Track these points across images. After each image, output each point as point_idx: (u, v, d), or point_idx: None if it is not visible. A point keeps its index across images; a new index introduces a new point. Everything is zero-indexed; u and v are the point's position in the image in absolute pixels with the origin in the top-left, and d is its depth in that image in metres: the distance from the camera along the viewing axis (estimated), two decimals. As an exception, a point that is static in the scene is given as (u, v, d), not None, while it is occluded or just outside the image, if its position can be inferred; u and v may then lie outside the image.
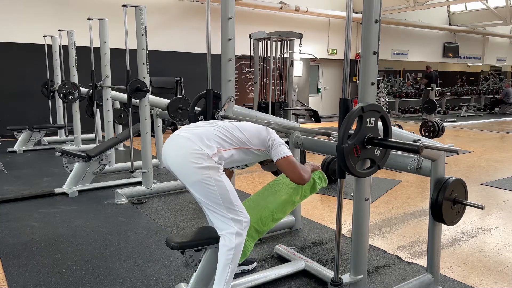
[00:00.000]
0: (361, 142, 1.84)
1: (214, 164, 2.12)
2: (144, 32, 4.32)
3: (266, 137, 2.38)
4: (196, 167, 2.08)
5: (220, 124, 2.34)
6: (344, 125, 1.78)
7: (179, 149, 2.16)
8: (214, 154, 2.14)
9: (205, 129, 2.26)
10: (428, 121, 7.48)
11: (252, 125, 2.46)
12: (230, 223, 2.12)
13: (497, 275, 2.75)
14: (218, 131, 2.26)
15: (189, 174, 2.11)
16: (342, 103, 1.87)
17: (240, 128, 2.36)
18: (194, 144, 2.13)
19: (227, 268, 2.09)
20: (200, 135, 2.19)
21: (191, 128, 2.29)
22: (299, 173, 2.31)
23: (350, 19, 1.87)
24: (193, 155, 2.10)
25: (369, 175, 1.97)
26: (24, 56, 8.51)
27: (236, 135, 2.30)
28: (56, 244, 3.15)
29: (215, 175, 2.10)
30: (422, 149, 1.80)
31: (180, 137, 2.21)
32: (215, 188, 2.09)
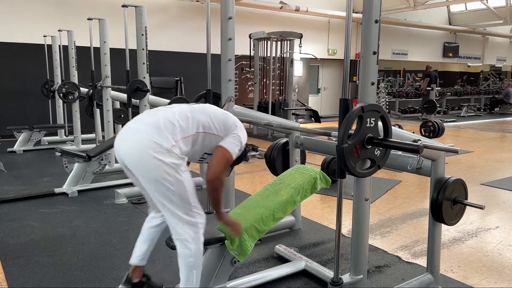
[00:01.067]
0: (361, 142, 1.84)
1: (176, 159, 1.94)
2: (144, 32, 4.32)
3: (232, 125, 2.19)
4: (156, 164, 1.90)
5: (177, 108, 2.12)
6: (344, 125, 1.78)
7: (135, 144, 1.96)
8: (174, 145, 1.96)
9: (161, 115, 2.04)
10: (428, 121, 7.48)
11: (217, 108, 2.25)
12: (185, 228, 2.00)
13: (497, 275, 2.75)
14: (176, 116, 2.05)
15: (147, 171, 1.94)
16: (342, 103, 1.87)
17: (202, 110, 2.16)
18: (150, 136, 1.93)
19: (192, 274, 2.04)
20: (155, 124, 1.98)
21: (145, 116, 2.08)
22: (219, 170, 2.05)
23: (350, 19, 1.87)
24: (151, 150, 1.90)
25: (369, 175, 1.97)
26: (24, 56, 8.51)
27: (198, 117, 2.09)
28: (56, 244, 3.15)
29: (176, 173, 1.94)
30: (422, 149, 1.80)
31: (134, 130, 2.01)
32: (174, 187, 1.94)
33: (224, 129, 2.16)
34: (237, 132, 2.17)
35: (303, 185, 2.60)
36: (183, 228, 2.01)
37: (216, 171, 2.05)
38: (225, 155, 2.09)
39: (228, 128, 2.17)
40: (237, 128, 2.19)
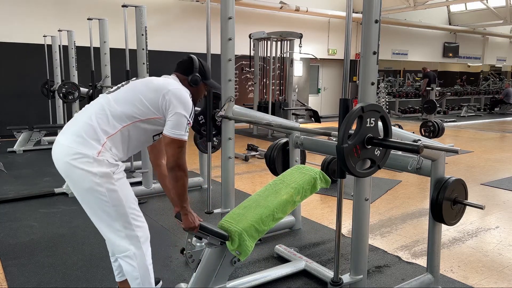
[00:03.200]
0: (361, 142, 1.84)
1: (106, 168, 1.82)
2: (144, 32, 4.32)
3: (163, 103, 1.92)
4: (82, 175, 1.80)
5: (95, 104, 1.95)
6: (344, 125, 1.78)
7: (59, 158, 1.86)
8: (101, 151, 1.82)
9: (81, 120, 1.90)
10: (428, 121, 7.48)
11: (148, 83, 2.00)
12: (125, 242, 1.90)
13: (497, 275, 2.75)
14: (93, 116, 1.89)
15: (75, 184, 1.85)
16: (342, 103, 1.87)
17: (127, 94, 1.96)
18: (71, 149, 1.81)
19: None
20: (77, 133, 1.85)
21: (68, 126, 1.94)
22: (175, 156, 1.91)
23: (350, 19, 1.87)
24: (75, 161, 1.80)
25: (369, 175, 1.97)
26: (24, 56, 8.51)
27: (119, 109, 1.90)
28: (56, 244, 3.15)
29: (107, 183, 1.82)
30: (422, 149, 1.80)
31: (58, 144, 1.88)
32: (107, 198, 1.83)
33: (159, 110, 1.94)
34: (174, 110, 1.92)
35: (303, 185, 2.60)
36: (124, 243, 1.90)
37: (172, 158, 1.90)
38: (173, 143, 1.90)
39: (162, 108, 1.93)
40: (171, 103, 1.92)
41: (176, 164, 1.91)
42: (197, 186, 4.73)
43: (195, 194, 4.52)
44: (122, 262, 1.95)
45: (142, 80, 2.05)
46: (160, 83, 1.99)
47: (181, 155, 1.93)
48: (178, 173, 1.92)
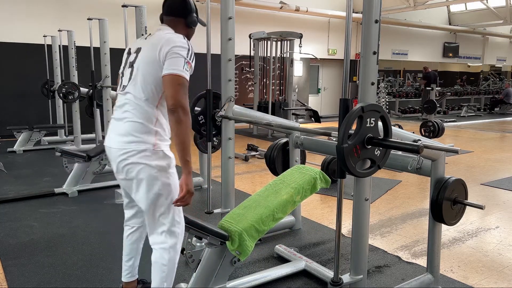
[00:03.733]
0: (361, 142, 1.84)
1: (161, 161, 1.87)
2: (144, 32, 4.32)
3: (162, 56, 1.84)
4: (141, 168, 1.85)
5: (122, 100, 1.95)
6: (344, 125, 1.78)
7: (117, 154, 1.90)
8: (155, 143, 1.87)
9: (127, 118, 1.90)
10: (428, 121, 7.48)
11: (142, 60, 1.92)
12: (165, 235, 1.94)
13: (497, 275, 2.75)
14: (129, 111, 1.90)
15: (135, 177, 1.89)
16: (342, 103, 1.87)
17: (133, 80, 1.91)
18: (126, 149, 1.86)
19: (163, 285, 1.97)
20: (126, 133, 1.88)
21: (114, 130, 1.95)
22: (178, 96, 1.80)
23: (350, 19, 1.87)
24: (133, 158, 1.85)
25: (369, 175, 1.97)
26: (24, 56, 8.51)
27: (139, 93, 1.89)
28: (56, 244, 3.15)
29: (163, 176, 1.88)
30: (422, 149, 1.80)
31: (113, 141, 1.94)
32: (162, 191, 1.89)
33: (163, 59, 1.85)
34: (168, 55, 1.84)
35: (303, 185, 2.60)
36: (163, 237, 1.95)
37: (171, 98, 1.78)
38: (171, 80, 1.81)
39: (165, 56, 1.84)
40: (165, 52, 1.84)
41: (177, 104, 1.77)
42: (197, 186, 4.73)
43: (195, 194, 4.50)
44: (156, 252, 1.96)
45: (140, 59, 1.94)
46: (153, 52, 1.88)
47: (182, 94, 1.80)
48: (180, 114, 1.78)
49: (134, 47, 2.02)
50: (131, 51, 2.02)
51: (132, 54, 2.00)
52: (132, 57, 1.98)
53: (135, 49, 2.00)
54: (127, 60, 2.01)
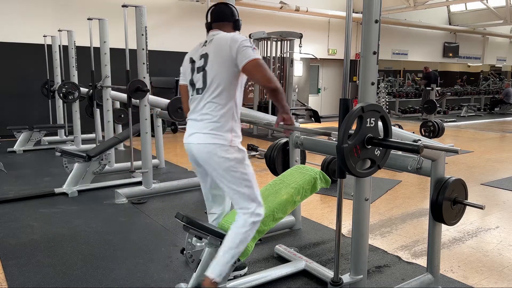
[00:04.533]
0: (361, 142, 1.84)
1: (237, 154, 2.13)
2: (144, 32, 4.32)
3: (234, 51, 2.09)
4: (221, 161, 2.12)
5: (197, 99, 2.20)
6: (344, 125, 1.78)
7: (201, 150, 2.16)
8: (230, 140, 2.13)
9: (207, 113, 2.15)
10: (428, 121, 7.48)
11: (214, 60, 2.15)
12: (254, 205, 2.16)
13: (497, 275, 2.75)
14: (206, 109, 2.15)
15: (217, 167, 2.15)
16: (342, 103, 1.87)
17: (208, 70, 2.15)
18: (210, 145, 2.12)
19: (230, 252, 2.10)
20: (207, 130, 2.13)
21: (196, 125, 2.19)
22: (269, 77, 2.10)
23: (350, 19, 1.87)
24: (216, 150, 2.12)
25: (369, 175, 1.97)
26: (24, 56, 8.51)
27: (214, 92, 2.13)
28: (56, 244, 3.15)
29: (241, 167, 2.15)
30: (422, 149, 1.80)
31: (195, 138, 2.18)
32: (242, 179, 2.16)
33: (235, 55, 2.09)
34: (238, 50, 2.08)
35: (303, 185, 2.60)
36: (252, 205, 2.15)
37: (265, 77, 2.08)
38: (254, 63, 2.07)
39: (236, 60, 2.10)
40: (235, 50, 2.09)
41: (269, 82, 2.08)
42: (197, 186, 4.73)
43: (195, 194, 4.52)
44: (241, 217, 2.15)
45: (211, 61, 2.15)
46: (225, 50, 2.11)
47: (266, 71, 2.08)
48: (276, 88, 2.10)
49: (196, 55, 2.23)
50: (194, 59, 2.23)
51: (198, 61, 2.20)
52: (199, 63, 2.19)
53: (198, 56, 2.21)
54: (194, 67, 2.22)
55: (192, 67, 2.23)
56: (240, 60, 2.06)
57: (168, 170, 5.68)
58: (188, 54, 2.32)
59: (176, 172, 5.57)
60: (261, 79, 2.09)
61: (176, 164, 6.06)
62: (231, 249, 2.10)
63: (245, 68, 2.07)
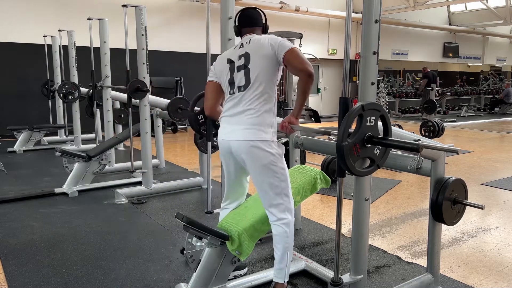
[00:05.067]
0: (361, 140, 1.84)
1: (278, 149, 2.21)
2: (144, 32, 4.32)
3: (274, 47, 2.22)
4: (263, 155, 2.19)
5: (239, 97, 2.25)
6: (344, 123, 1.78)
7: (241, 145, 2.22)
8: (272, 136, 2.21)
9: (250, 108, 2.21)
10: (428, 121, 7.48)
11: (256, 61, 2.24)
12: (286, 213, 2.25)
13: (497, 275, 2.75)
14: (248, 106, 2.21)
15: (256, 162, 2.21)
16: (341, 101, 1.87)
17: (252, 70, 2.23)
18: (252, 141, 2.18)
19: (286, 254, 2.24)
20: (251, 126, 2.19)
21: (237, 120, 2.23)
22: (307, 63, 2.15)
23: (350, 19, 1.87)
24: (257, 144, 2.17)
25: (369, 174, 1.97)
26: (24, 56, 8.51)
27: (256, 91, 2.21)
28: (56, 244, 3.15)
29: (280, 163, 2.23)
30: (422, 148, 1.80)
31: (235, 141, 2.23)
32: (279, 175, 2.22)
33: (276, 59, 2.20)
34: (278, 44, 2.22)
35: (303, 185, 2.60)
36: (285, 213, 2.23)
37: (303, 63, 2.12)
38: (293, 52, 2.16)
39: (277, 55, 2.20)
40: (275, 45, 2.22)
41: (306, 68, 2.11)
42: (197, 186, 4.73)
43: (195, 194, 4.52)
44: (277, 227, 2.24)
45: (254, 59, 2.22)
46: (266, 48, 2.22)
47: (303, 57, 2.16)
48: (312, 77, 2.13)
49: (234, 56, 2.29)
50: (233, 59, 2.28)
51: (238, 61, 2.26)
52: (240, 62, 2.25)
53: (237, 57, 2.27)
54: (234, 67, 2.27)
55: (231, 67, 2.28)
56: (279, 52, 2.16)
57: (168, 170, 5.68)
58: (223, 56, 2.38)
59: (176, 172, 5.57)
60: (299, 65, 2.13)
61: (176, 164, 6.06)
62: (285, 252, 2.24)
63: (285, 58, 2.15)
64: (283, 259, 2.24)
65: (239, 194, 2.51)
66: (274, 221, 2.25)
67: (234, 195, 2.49)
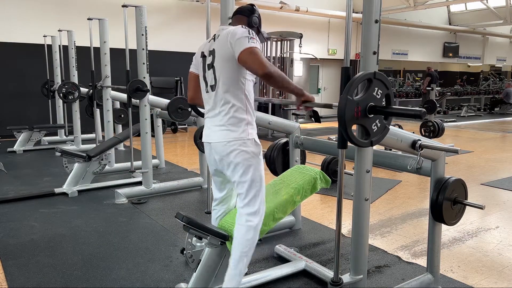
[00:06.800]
0: (364, 107, 1.83)
1: (254, 148, 2.14)
2: (144, 32, 4.32)
3: (232, 45, 2.04)
4: (239, 153, 2.12)
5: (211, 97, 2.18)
6: (352, 82, 1.78)
7: (218, 148, 2.18)
8: (248, 132, 2.13)
9: (222, 110, 2.13)
10: (428, 121, 7.48)
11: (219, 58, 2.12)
12: (255, 216, 2.15)
13: (497, 275, 2.75)
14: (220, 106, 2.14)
15: (232, 160, 2.16)
16: (343, 71, 1.90)
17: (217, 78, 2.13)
18: (227, 141, 2.13)
19: (242, 261, 2.10)
20: (224, 126, 2.13)
21: (213, 122, 2.17)
22: (263, 64, 1.98)
23: (350, 19, 1.87)
24: (232, 144, 2.12)
25: (363, 146, 1.94)
26: (24, 56, 8.51)
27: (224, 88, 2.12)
28: (56, 244, 3.15)
29: (258, 163, 2.16)
30: (425, 114, 1.81)
31: (210, 144, 2.20)
32: (253, 174, 2.15)
33: (233, 49, 2.04)
34: (235, 42, 2.02)
35: (303, 185, 2.60)
36: (254, 216, 2.13)
37: (259, 65, 1.97)
38: (246, 54, 1.99)
39: (234, 43, 2.03)
40: (233, 43, 2.03)
41: (264, 71, 1.97)
42: (197, 186, 4.73)
43: (195, 194, 4.52)
44: (241, 228, 2.11)
45: (218, 58, 2.12)
46: (226, 47, 2.07)
47: (261, 60, 1.98)
48: (274, 73, 2.00)
49: (206, 50, 2.20)
50: (206, 54, 2.20)
51: (208, 57, 2.18)
52: (209, 60, 2.17)
53: (208, 52, 2.19)
54: (205, 64, 2.20)
55: (204, 64, 2.22)
56: (235, 51, 2.01)
57: (168, 170, 5.68)
58: (200, 48, 2.30)
59: (176, 172, 5.57)
60: (254, 66, 1.98)
61: (176, 164, 6.06)
62: (242, 258, 2.10)
63: (240, 58, 2.00)
64: (238, 265, 2.09)
65: (227, 196, 2.40)
66: (240, 223, 2.13)
67: (221, 196, 2.40)
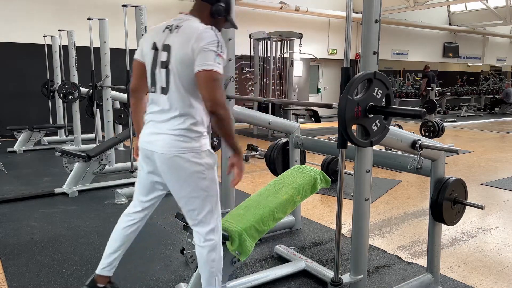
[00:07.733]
0: (364, 106, 1.83)
1: (208, 159, 1.92)
2: (144, 32, 4.32)
3: (195, 53, 1.75)
4: (189, 166, 1.89)
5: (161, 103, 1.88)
6: (353, 81, 1.79)
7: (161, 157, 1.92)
8: (201, 144, 1.89)
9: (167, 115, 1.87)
10: (428, 121, 7.48)
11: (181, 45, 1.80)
12: (213, 233, 1.98)
13: (497, 275, 2.75)
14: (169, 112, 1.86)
15: (180, 173, 1.93)
16: (343, 71, 1.89)
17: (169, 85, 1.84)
18: (176, 149, 1.87)
19: (214, 280, 1.99)
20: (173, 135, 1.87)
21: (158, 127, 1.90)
22: (215, 95, 1.73)
23: (350, 19, 1.87)
24: (182, 155, 1.87)
25: (362, 146, 1.94)
26: (24, 56, 8.51)
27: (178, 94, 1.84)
28: (56, 244, 3.15)
29: (210, 174, 1.95)
30: (425, 114, 1.81)
31: (153, 146, 1.93)
32: (208, 189, 1.96)
33: (195, 57, 1.76)
34: (198, 50, 1.75)
35: (303, 185, 2.60)
36: (213, 234, 1.95)
37: (213, 98, 1.72)
38: (205, 77, 1.73)
39: (197, 52, 1.75)
40: (195, 49, 1.75)
41: (215, 105, 1.72)
42: (197, 186, 4.72)
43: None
44: (202, 250, 1.94)
45: (174, 59, 1.83)
46: (188, 50, 1.79)
47: (218, 91, 1.73)
48: (222, 113, 1.73)
49: (160, 42, 1.88)
50: (158, 46, 1.88)
51: (161, 52, 1.87)
52: (163, 56, 1.86)
53: (161, 45, 1.87)
54: (158, 59, 1.88)
55: (155, 57, 1.89)
56: (196, 65, 1.75)
57: (168, 170, 5.67)
58: (151, 36, 1.94)
59: (176, 172, 5.56)
60: (207, 95, 1.73)
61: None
62: (213, 278, 1.97)
63: (197, 75, 1.75)
64: (211, 285, 1.97)
65: (153, 203, 2.21)
66: (199, 243, 1.95)
67: (146, 200, 2.18)
